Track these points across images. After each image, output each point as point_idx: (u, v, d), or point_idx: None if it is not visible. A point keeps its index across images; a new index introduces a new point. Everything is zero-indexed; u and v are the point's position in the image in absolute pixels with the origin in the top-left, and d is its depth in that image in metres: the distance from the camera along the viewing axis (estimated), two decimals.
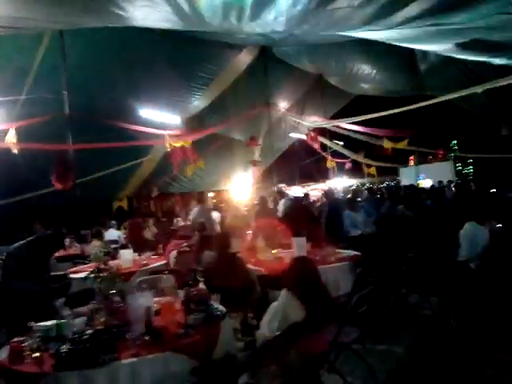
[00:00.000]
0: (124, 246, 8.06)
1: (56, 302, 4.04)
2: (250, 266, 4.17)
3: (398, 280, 4.16)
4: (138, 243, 7.87)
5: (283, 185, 17.46)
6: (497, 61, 5.65)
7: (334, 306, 2.53)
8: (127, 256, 5.06)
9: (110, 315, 2.46)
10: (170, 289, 2.81)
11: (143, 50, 8.81)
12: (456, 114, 13.31)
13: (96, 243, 6.64)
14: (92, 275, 2.54)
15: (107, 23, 4.13)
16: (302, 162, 20.59)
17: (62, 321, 2.36)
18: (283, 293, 2.37)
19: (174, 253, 5.14)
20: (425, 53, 10.53)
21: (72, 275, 4.82)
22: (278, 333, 2.18)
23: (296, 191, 17.91)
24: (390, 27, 4.12)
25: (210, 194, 20.02)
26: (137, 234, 8.26)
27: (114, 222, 9.50)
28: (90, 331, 2.18)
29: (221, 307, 2.64)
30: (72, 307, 3.40)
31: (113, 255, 5.75)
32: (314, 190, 17.32)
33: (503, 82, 4.90)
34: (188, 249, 5.17)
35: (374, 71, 12.04)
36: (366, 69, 12.02)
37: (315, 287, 2.35)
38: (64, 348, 2.00)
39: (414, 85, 11.76)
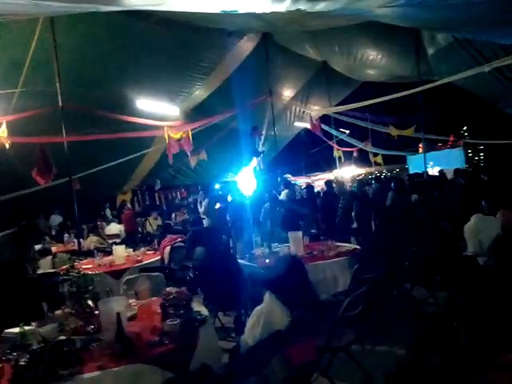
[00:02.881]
0: (124, 241, 7.96)
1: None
2: (243, 261, 3.98)
3: (401, 275, 3.93)
4: (132, 236, 7.74)
5: (289, 175, 17.23)
6: (502, 41, 5.32)
7: (324, 309, 2.33)
8: (120, 252, 4.88)
9: (83, 321, 2.28)
10: (146, 291, 2.61)
11: (139, 40, 8.58)
12: (466, 100, 12.85)
13: (93, 238, 6.51)
14: (61, 278, 2.35)
15: (95, 5, 3.90)
16: (309, 151, 20.29)
17: (27, 328, 2.19)
18: (267, 296, 2.16)
19: (168, 248, 4.98)
20: (432, 36, 10.13)
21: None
22: (259, 340, 1.98)
23: (302, 181, 17.67)
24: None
25: (216, 186, 19.92)
26: (130, 226, 8.11)
27: (110, 215, 9.31)
28: (57, 339, 2.01)
29: (203, 311, 2.45)
30: (54, 309, 3.24)
31: (109, 251, 5.59)
32: (320, 180, 17.03)
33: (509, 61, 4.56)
34: (183, 244, 5.01)
35: (380, 56, 11.66)
36: (371, 54, 11.64)
37: (302, 290, 2.14)
38: (23, 360, 1.83)
39: (422, 70, 11.36)
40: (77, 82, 7.97)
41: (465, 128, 18.74)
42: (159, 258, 5.09)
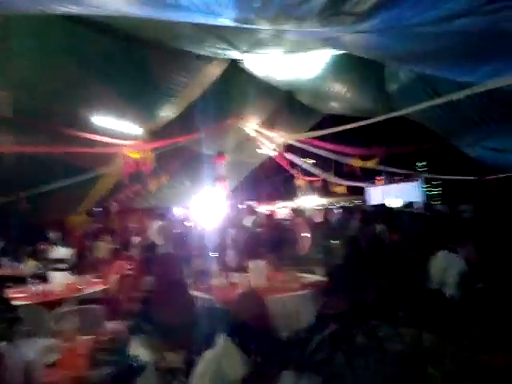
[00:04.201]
0: (72, 266, 7.30)
1: None
2: (197, 293, 3.59)
3: (367, 310, 3.67)
4: (82, 262, 7.21)
5: (251, 202, 17.02)
6: (462, 78, 5.45)
7: (286, 354, 2.00)
8: (59, 279, 4.33)
9: None
10: (71, 332, 2.15)
11: (102, 55, 8.21)
12: (425, 136, 13.38)
13: (31, 263, 5.84)
14: None
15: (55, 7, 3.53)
16: (272, 179, 20.27)
17: None
18: (220, 340, 1.81)
19: (116, 277, 4.48)
20: (394, 72, 10.50)
21: None
22: None
23: (265, 209, 17.47)
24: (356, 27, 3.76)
25: (177, 210, 19.28)
26: (80, 250, 7.54)
27: (57, 238, 8.63)
28: None
29: (142, 355, 2.04)
30: None
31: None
32: (282, 208, 16.94)
33: (459, 96, 4.65)
34: (132, 272, 4.53)
35: (344, 90, 11.93)
36: (336, 87, 11.89)
37: (262, 332, 1.81)
38: None
39: (384, 105, 11.70)
40: (27, 93, 7.42)
41: (423, 163, 19.52)
42: (105, 287, 4.58)
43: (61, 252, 8.38)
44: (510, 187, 11.56)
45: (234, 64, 11.16)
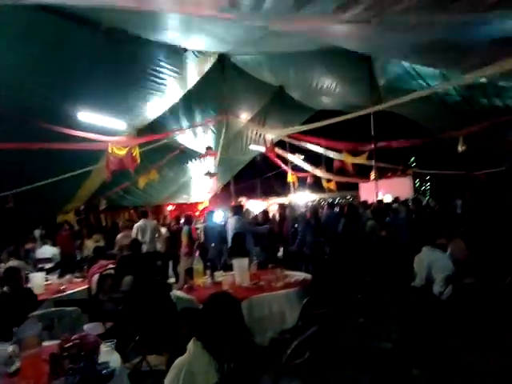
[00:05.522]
0: (58, 266, 7.16)
1: None
2: (179, 293, 3.48)
3: (354, 309, 3.61)
4: (68, 260, 7.08)
5: (243, 198, 16.92)
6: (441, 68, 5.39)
7: (263, 358, 1.91)
8: (38, 280, 4.20)
9: None
10: (33, 338, 2.03)
11: (84, 51, 7.96)
12: (415, 132, 13.40)
13: (13, 263, 5.66)
14: None
15: None
16: (264, 175, 20.19)
17: None
18: (191, 345, 1.71)
19: (97, 276, 4.36)
20: (383, 67, 10.49)
21: None
22: None
23: (256, 205, 17.38)
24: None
25: (169, 207, 19.12)
26: (67, 249, 7.36)
27: (39, 236, 8.42)
28: None
29: (113, 361, 1.93)
30: None
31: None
32: (275, 205, 16.84)
33: (446, 86, 4.62)
34: (113, 271, 4.41)
35: (334, 84, 11.89)
36: (326, 82, 11.84)
37: (235, 337, 1.71)
38: None
39: (374, 99, 11.68)
40: (6, 87, 7.20)
41: (412, 159, 19.56)
42: (86, 287, 4.45)
43: (47, 251, 8.21)
44: (498, 182, 11.63)
45: (223, 59, 11.02)
